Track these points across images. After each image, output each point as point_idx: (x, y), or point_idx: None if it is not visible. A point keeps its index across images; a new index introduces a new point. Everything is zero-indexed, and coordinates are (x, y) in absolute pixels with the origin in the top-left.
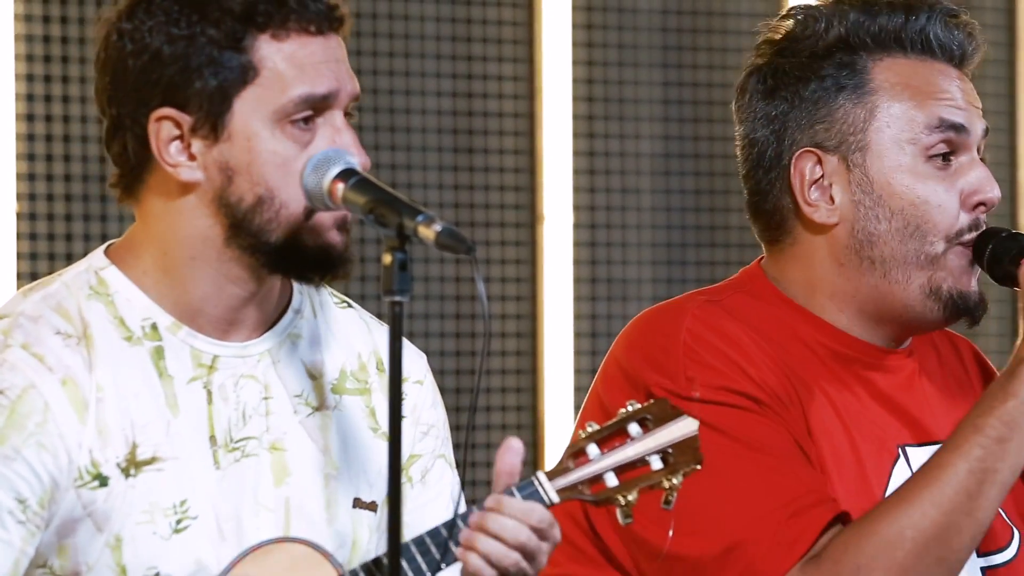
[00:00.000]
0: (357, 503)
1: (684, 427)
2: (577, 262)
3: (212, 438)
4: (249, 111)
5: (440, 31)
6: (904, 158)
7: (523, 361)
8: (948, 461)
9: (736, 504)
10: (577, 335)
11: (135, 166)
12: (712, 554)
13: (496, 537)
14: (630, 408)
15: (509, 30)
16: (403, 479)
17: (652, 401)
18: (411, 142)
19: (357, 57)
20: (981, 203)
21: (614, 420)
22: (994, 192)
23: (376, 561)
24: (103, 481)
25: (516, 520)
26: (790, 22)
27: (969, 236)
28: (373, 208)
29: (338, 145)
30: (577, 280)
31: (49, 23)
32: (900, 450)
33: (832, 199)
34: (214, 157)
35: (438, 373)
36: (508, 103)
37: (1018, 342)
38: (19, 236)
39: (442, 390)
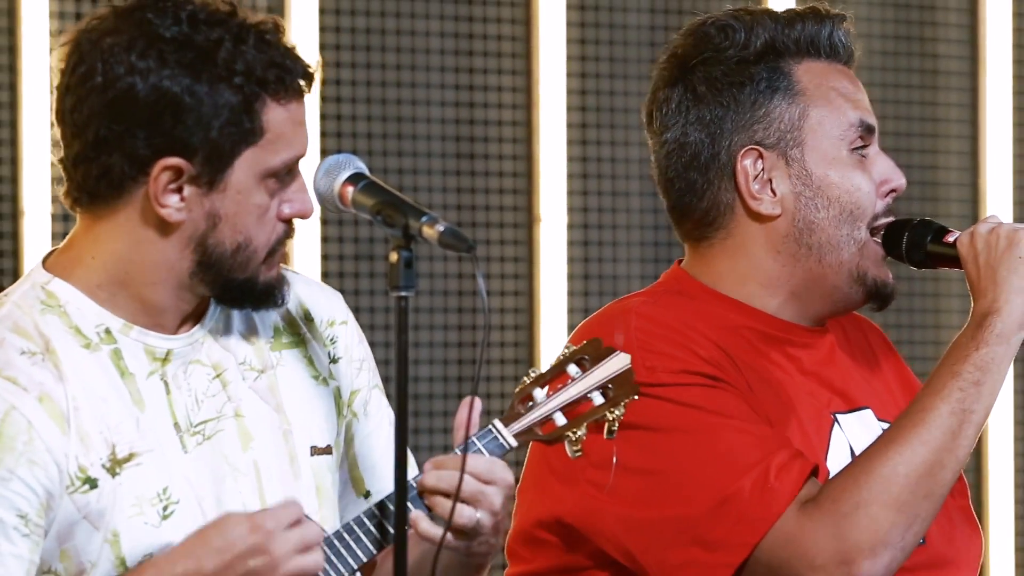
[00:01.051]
0: (314, 450)
1: (618, 362)
2: (571, 260)
3: (176, 425)
4: (246, 168)
5: (444, 45)
6: (835, 152)
7: (520, 352)
8: (932, 404)
9: (722, 463)
10: (571, 328)
11: (111, 192)
12: (705, 509)
13: (435, 491)
14: (567, 351)
15: (508, 44)
16: (348, 415)
17: (585, 342)
18: (416, 148)
19: (367, 70)
20: (893, 189)
21: (554, 364)
22: (903, 179)
23: (357, 520)
24: (93, 484)
25: (453, 470)
26: (704, 35)
27: (882, 221)
28: (381, 210)
29: (300, 194)
30: (571, 276)
31: None
32: (834, 417)
33: (774, 192)
34: (204, 205)
35: (441, 362)
36: (507, 112)
37: (974, 304)
38: (54, 236)
39: (444, 379)
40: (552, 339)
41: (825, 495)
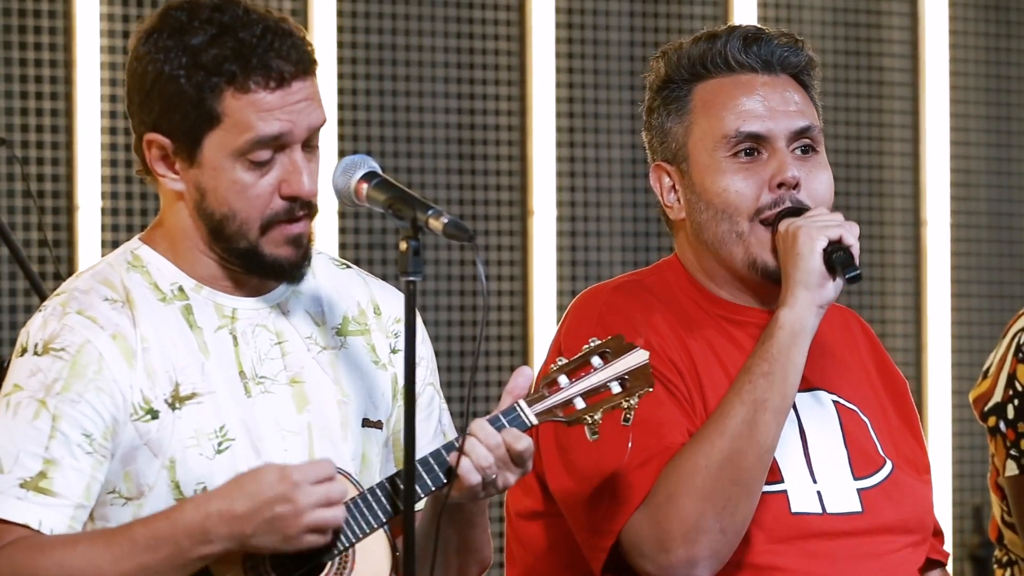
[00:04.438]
0: (366, 423)
1: (637, 357)
2: (560, 248)
3: (241, 373)
4: (215, 148)
5: (447, 59)
6: (710, 160)
7: (515, 330)
8: (727, 399)
9: (605, 457)
10: (560, 308)
11: (146, 166)
12: (585, 495)
13: (466, 454)
14: (592, 343)
15: (504, 58)
16: (402, 401)
17: (610, 337)
18: (423, 149)
19: (380, 81)
20: (781, 183)
21: (579, 354)
22: (788, 173)
23: (390, 479)
24: (154, 415)
25: (487, 446)
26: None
27: (769, 212)
28: (392, 204)
29: (294, 175)
30: (560, 263)
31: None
32: None
33: (679, 200)
34: (191, 177)
35: (445, 339)
36: (503, 117)
37: (783, 293)
38: (104, 228)
39: (448, 353)
40: (544, 318)
41: (649, 491)
